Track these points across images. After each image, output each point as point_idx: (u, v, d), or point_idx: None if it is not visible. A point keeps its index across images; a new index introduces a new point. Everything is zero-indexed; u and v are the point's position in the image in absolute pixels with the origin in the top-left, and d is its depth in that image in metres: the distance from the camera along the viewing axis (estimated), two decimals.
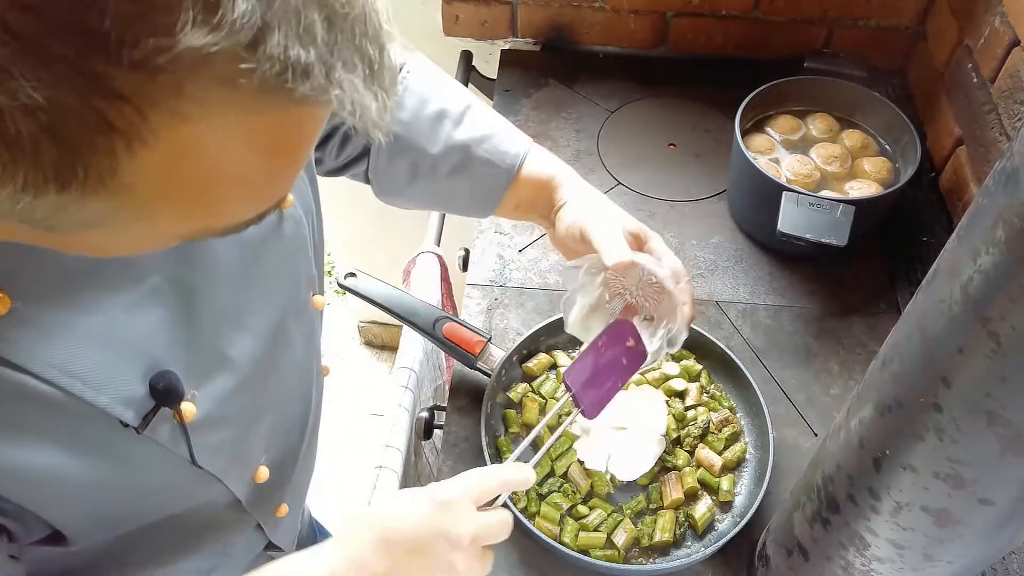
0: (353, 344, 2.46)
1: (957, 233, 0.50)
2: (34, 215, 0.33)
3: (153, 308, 0.53)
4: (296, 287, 0.68)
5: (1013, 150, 0.44)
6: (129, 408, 0.51)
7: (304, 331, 0.71)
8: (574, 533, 0.89)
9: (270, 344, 0.64)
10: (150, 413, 0.52)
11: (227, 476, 0.62)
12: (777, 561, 0.80)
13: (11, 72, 0.28)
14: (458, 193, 0.84)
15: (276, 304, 0.64)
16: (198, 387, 0.56)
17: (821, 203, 1.05)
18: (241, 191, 0.38)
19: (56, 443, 0.49)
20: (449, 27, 1.48)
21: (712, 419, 0.97)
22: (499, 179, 0.82)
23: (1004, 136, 1.06)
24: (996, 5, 1.10)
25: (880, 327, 1.11)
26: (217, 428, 0.59)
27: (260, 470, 0.67)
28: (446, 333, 1.00)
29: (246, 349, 0.60)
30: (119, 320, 0.50)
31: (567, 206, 0.80)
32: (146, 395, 0.52)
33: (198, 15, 0.29)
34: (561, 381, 1.02)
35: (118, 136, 0.31)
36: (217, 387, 0.58)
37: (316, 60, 0.33)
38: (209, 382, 0.57)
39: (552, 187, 0.82)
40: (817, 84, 1.23)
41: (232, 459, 0.62)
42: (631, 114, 1.40)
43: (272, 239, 0.62)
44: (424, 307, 1.02)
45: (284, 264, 0.65)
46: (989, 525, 0.56)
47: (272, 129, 0.36)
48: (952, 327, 0.49)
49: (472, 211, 0.87)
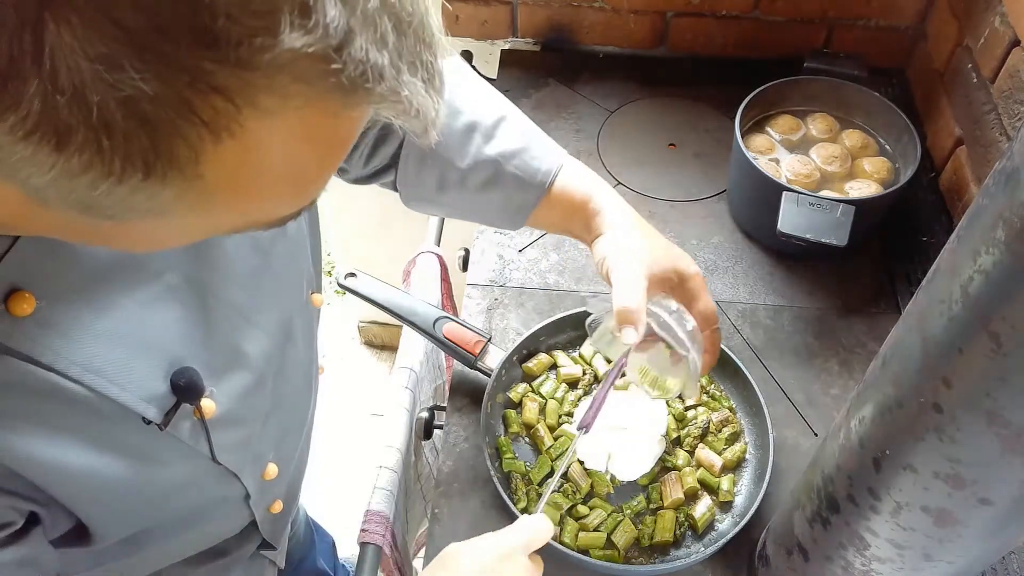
0: (353, 344, 2.46)
1: (957, 233, 0.50)
2: (104, 201, 0.35)
3: (170, 306, 0.54)
4: (299, 287, 0.69)
5: (1013, 150, 0.44)
6: (151, 405, 0.52)
7: (305, 330, 0.72)
8: (574, 533, 0.89)
9: (280, 342, 0.65)
10: (172, 410, 0.53)
11: (243, 473, 0.63)
12: (777, 561, 0.80)
13: (121, 64, 0.30)
14: (488, 207, 0.83)
15: (284, 303, 0.66)
16: (216, 384, 0.57)
17: (821, 203, 1.05)
18: (293, 187, 0.40)
19: (84, 440, 0.50)
20: (449, 27, 1.48)
21: (712, 419, 0.97)
22: (528, 197, 0.80)
23: (1004, 136, 1.06)
24: (996, 5, 1.10)
25: (880, 327, 1.11)
26: (235, 426, 0.60)
27: (270, 467, 0.69)
28: (446, 333, 1.00)
29: (259, 347, 0.62)
30: (137, 318, 0.52)
31: (601, 240, 0.78)
32: (167, 392, 0.53)
33: (295, 19, 0.31)
34: (561, 382, 1.02)
35: (207, 128, 0.33)
36: (234, 384, 0.59)
37: (389, 63, 0.35)
38: (227, 379, 0.59)
39: (588, 212, 0.79)
40: (817, 84, 1.23)
41: (248, 456, 0.64)
42: (631, 114, 1.40)
43: (280, 238, 0.64)
44: (424, 307, 1.02)
45: (289, 263, 0.66)
46: (989, 525, 0.56)
47: (333, 127, 0.38)
48: (952, 327, 0.49)
49: (504, 224, 0.86)
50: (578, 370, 1.03)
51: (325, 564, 1.37)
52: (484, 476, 0.96)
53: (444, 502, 0.94)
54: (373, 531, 0.92)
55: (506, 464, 0.95)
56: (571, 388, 1.02)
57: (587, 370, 1.03)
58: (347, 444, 2.04)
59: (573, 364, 1.04)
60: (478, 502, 0.94)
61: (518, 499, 0.91)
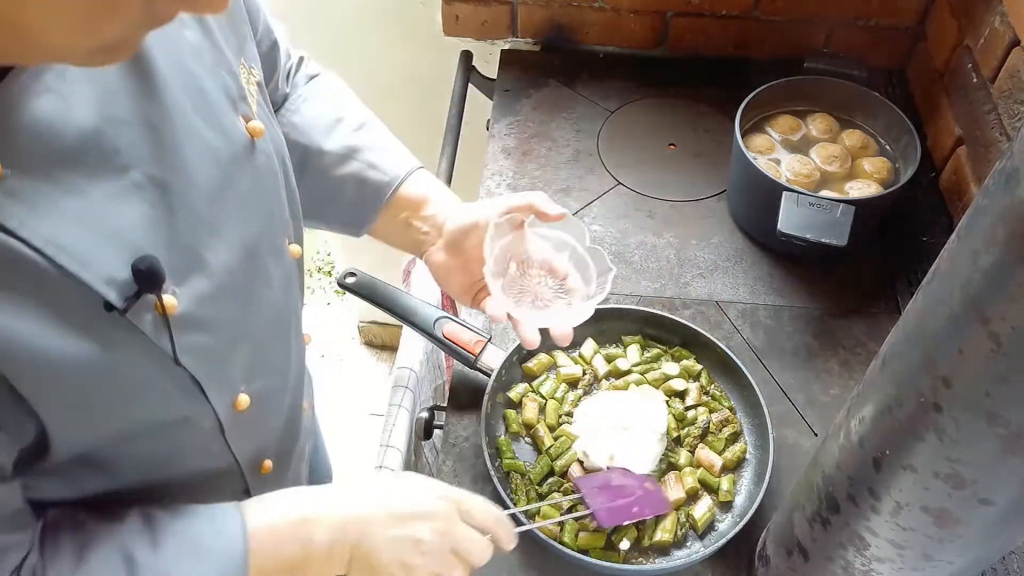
0: (353, 344, 2.46)
1: (957, 233, 0.50)
2: None
3: (134, 202, 0.56)
4: (270, 223, 0.71)
5: (1013, 150, 0.44)
6: (112, 289, 0.53)
7: (282, 276, 0.74)
8: (574, 533, 0.89)
9: (245, 264, 0.66)
10: (133, 296, 0.54)
11: (208, 386, 0.63)
12: (777, 561, 0.80)
13: None
14: (341, 195, 0.86)
15: (250, 229, 0.67)
16: (178, 285, 0.59)
17: (821, 203, 1.05)
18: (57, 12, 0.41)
19: (44, 316, 0.51)
20: (449, 27, 1.48)
21: (712, 419, 0.97)
22: (381, 190, 0.85)
23: (1004, 136, 1.06)
24: (996, 5, 1.10)
25: (880, 327, 1.11)
26: (197, 331, 0.61)
27: (241, 397, 0.69)
28: (446, 333, 1.00)
29: (220, 256, 0.63)
30: (102, 207, 0.53)
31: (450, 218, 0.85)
32: (129, 280, 0.54)
33: None
34: (561, 381, 1.02)
35: None
36: (195, 288, 0.60)
37: None
38: (188, 282, 0.60)
39: (432, 205, 0.86)
40: (817, 84, 1.23)
41: (212, 369, 0.64)
42: (631, 114, 1.40)
43: (244, 164, 0.66)
44: (424, 307, 1.02)
45: (257, 194, 0.68)
46: (989, 525, 0.56)
47: None
48: (952, 327, 0.49)
49: (350, 221, 0.88)
50: (578, 370, 1.03)
51: None
52: (484, 476, 0.96)
53: None
54: None
55: (506, 464, 0.95)
56: (571, 388, 1.02)
57: (587, 370, 1.03)
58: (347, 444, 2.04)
59: (573, 364, 1.04)
60: None
61: (518, 499, 0.91)
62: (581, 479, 0.90)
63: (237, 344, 0.67)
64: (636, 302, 1.13)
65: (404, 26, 1.54)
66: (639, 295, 1.15)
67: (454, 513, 0.72)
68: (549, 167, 1.31)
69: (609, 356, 1.05)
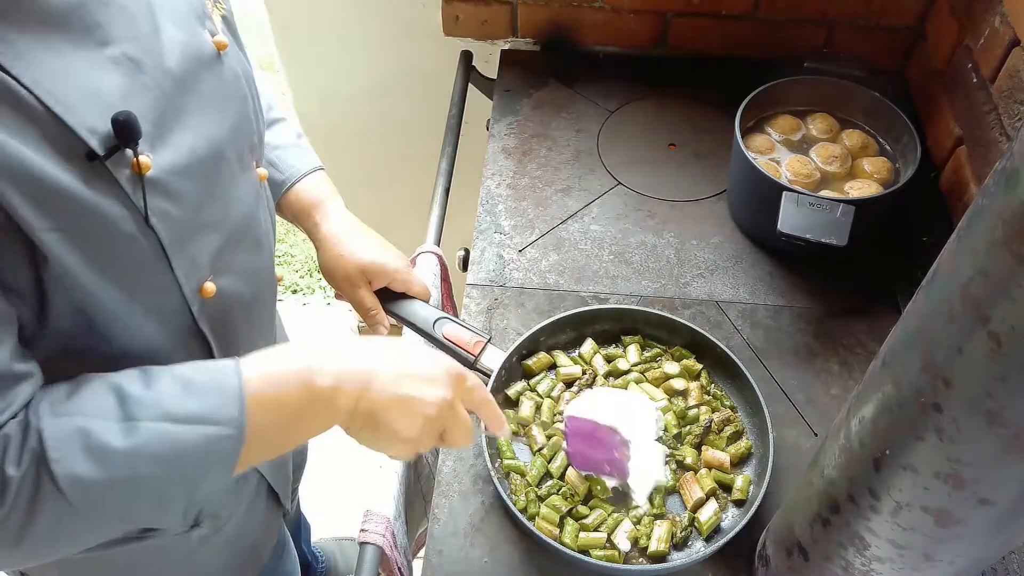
0: None
1: (957, 233, 0.50)
2: None
3: (112, 73, 0.61)
4: (236, 133, 0.75)
5: (1013, 150, 0.44)
6: (94, 138, 0.58)
7: (249, 188, 0.79)
8: (574, 533, 0.89)
9: (211, 158, 0.71)
10: (113, 147, 0.59)
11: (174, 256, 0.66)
12: (777, 561, 0.80)
13: None
14: None
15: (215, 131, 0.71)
16: (150, 151, 0.63)
17: (821, 203, 1.05)
18: None
19: (38, 145, 0.55)
20: (449, 27, 1.48)
21: (714, 419, 0.97)
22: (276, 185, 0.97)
23: (1004, 136, 1.06)
24: (996, 5, 1.10)
25: (880, 327, 1.11)
26: (166, 198, 0.65)
27: (207, 284, 0.72)
28: (446, 334, 1.00)
29: (187, 139, 0.67)
30: (82, 69, 0.59)
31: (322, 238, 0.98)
32: (108, 133, 0.59)
33: None
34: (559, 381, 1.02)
35: None
36: (164, 158, 0.64)
37: None
38: (157, 151, 0.64)
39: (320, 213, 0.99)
40: (817, 84, 1.23)
41: (179, 240, 0.67)
42: (631, 114, 1.40)
43: (211, 69, 0.71)
44: (424, 308, 1.02)
45: (222, 101, 0.73)
46: (989, 525, 0.56)
47: None
48: (952, 327, 0.49)
49: None
50: (577, 370, 1.03)
51: (305, 548, 1.47)
52: (484, 476, 0.96)
53: (444, 502, 0.94)
54: (373, 531, 0.91)
55: (506, 465, 0.95)
56: (568, 387, 1.02)
57: (587, 370, 1.03)
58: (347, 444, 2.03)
59: (572, 364, 1.04)
60: (478, 502, 0.94)
61: (518, 499, 0.91)
62: (572, 418, 0.93)
63: (203, 228, 0.70)
64: (636, 302, 1.13)
65: (404, 26, 1.54)
66: (639, 295, 1.15)
67: (457, 387, 0.73)
68: (549, 167, 1.31)
69: (609, 356, 1.04)
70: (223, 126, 0.72)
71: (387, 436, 0.70)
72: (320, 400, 0.66)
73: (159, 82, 0.64)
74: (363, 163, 1.82)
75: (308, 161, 1.00)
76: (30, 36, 0.55)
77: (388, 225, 1.82)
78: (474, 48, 1.50)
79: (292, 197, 0.98)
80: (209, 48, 0.71)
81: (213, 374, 0.64)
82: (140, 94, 0.62)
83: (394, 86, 1.65)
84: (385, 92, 1.68)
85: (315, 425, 0.68)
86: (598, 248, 1.20)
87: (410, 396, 0.69)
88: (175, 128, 0.66)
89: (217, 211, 0.72)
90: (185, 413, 0.61)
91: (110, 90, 0.60)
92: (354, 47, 1.61)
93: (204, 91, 0.70)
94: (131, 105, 0.61)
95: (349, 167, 1.83)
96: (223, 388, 0.63)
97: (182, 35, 0.67)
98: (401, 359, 0.70)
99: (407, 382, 0.69)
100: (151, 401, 0.61)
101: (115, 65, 0.61)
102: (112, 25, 0.61)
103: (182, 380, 0.63)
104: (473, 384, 0.75)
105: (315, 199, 0.99)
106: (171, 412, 0.61)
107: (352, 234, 0.99)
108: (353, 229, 1.00)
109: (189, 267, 0.69)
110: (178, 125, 0.66)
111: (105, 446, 0.58)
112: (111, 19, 0.61)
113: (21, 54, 0.55)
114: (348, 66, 1.66)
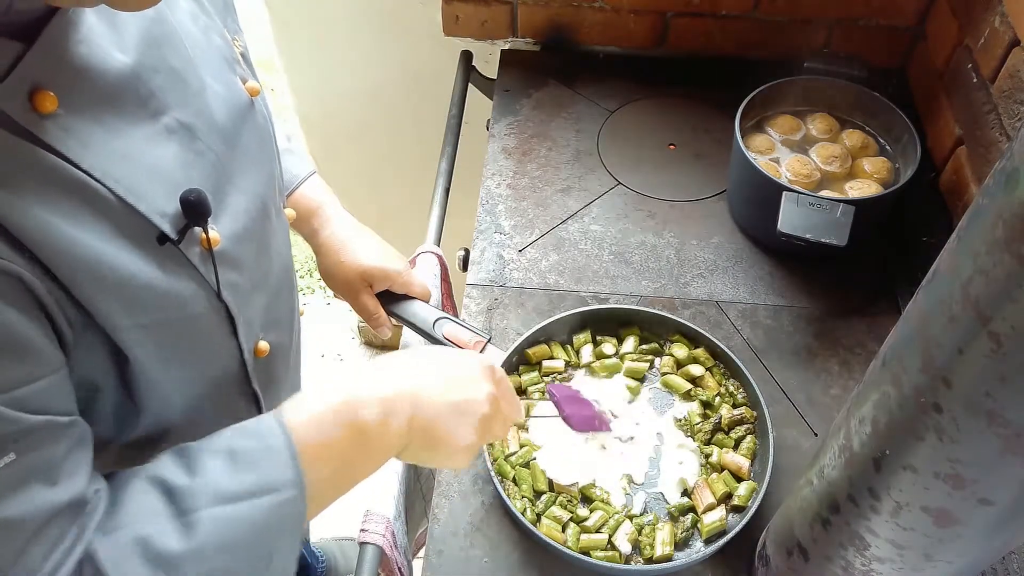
0: (353, 344, 2.46)
1: (957, 233, 0.50)
2: None
3: (169, 145, 0.59)
4: (272, 178, 0.74)
5: (1013, 150, 0.44)
6: (165, 221, 0.57)
7: (282, 234, 0.78)
8: (576, 535, 0.89)
9: (259, 212, 0.69)
10: (184, 228, 0.58)
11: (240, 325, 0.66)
12: (777, 561, 0.80)
13: None
14: None
15: (259, 181, 0.70)
16: (215, 223, 0.62)
17: (821, 203, 1.05)
18: None
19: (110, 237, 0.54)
20: (449, 27, 1.48)
21: (727, 415, 0.97)
22: None
23: (1004, 136, 1.06)
24: (996, 5, 1.10)
25: (880, 327, 1.11)
26: (232, 268, 0.64)
27: (261, 343, 0.72)
28: (446, 334, 1.00)
29: (241, 201, 0.67)
30: (142, 147, 0.57)
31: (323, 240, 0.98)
32: (178, 212, 0.58)
33: None
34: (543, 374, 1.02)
35: None
36: (226, 227, 0.63)
37: None
38: (220, 221, 0.63)
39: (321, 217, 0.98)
40: (817, 84, 1.23)
41: (242, 309, 0.66)
42: (631, 114, 1.40)
43: (248, 119, 0.70)
44: (424, 307, 1.02)
45: (260, 150, 0.72)
46: (989, 525, 0.56)
47: None
48: (952, 327, 0.49)
49: None
50: (560, 363, 1.02)
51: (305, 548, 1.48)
52: (484, 476, 0.96)
53: (444, 502, 0.94)
54: (373, 531, 0.91)
55: (499, 466, 0.95)
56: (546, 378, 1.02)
57: (570, 361, 1.02)
58: None
59: (562, 358, 1.03)
60: (478, 502, 0.94)
61: (515, 500, 0.91)
62: (555, 385, 0.95)
63: (257, 290, 0.70)
64: (636, 302, 1.13)
65: (404, 26, 1.54)
66: (639, 295, 1.15)
67: (492, 375, 0.72)
68: (549, 167, 1.31)
69: (600, 353, 1.04)
70: (263, 179, 0.71)
71: (446, 448, 0.67)
72: (370, 432, 0.62)
73: (211, 145, 0.63)
74: (363, 163, 1.82)
75: (302, 167, 0.99)
76: (87, 118, 0.53)
77: (388, 225, 1.82)
78: (474, 48, 1.50)
79: (289, 205, 0.97)
80: (244, 97, 0.69)
81: (257, 438, 0.59)
82: (198, 162, 0.61)
83: (394, 86, 1.65)
84: (385, 92, 1.68)
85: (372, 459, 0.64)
86: (598, 248, 1.20)
87: (461, 400, 0.67)
88: (229, 191, 0.64)
89: (264, 267, 0.71)
90: (241, 489, 0.56)
91: (171, 165, 0.59)
92: (354, 47, 1.61)
93: (245, 145, 0.68)
94: (191, 177, 0.60)
95: (349, 167, 1.83)
96: (271, 449, 0.58)
97: (222, 88, 0.66)
98: (436, 366, 0.68)
99: (453, 387, 0.67)
100: (201, 487, 0.56)
101: (171, 135, 0.59)
102: (164, 92, 0.59)
103: (226, 453, 0.58)
104: (502, 373, 0.74)
105: (312, 205, 0.98)
106: (226, 493, 0.56)
107: (351, 238, 0.98)
108: (352, 233, 0.99)
109: (247, 330, 0.68)
110: (231, 188, 0.65)
111: (166, 551, 0.53)
112: (163, 86, 0.59)
113: (85, 143, 0.52)
114: (348, 66, 1.66)
